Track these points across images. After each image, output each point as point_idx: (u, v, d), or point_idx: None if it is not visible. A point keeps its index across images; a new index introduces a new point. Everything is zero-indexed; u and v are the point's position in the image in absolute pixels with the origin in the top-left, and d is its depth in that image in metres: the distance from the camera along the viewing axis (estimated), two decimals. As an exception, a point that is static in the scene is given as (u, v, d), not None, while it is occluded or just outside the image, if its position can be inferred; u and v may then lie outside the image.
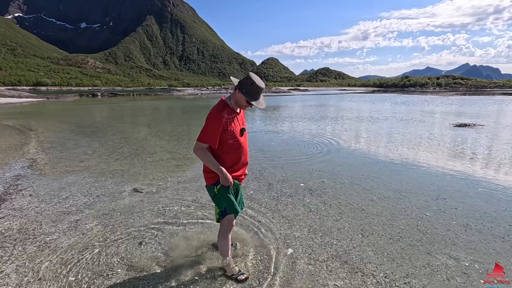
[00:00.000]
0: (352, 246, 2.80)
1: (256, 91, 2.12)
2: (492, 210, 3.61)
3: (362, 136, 9.32)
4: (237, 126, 2.19)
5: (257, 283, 2.27)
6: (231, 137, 2.15)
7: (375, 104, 25.65)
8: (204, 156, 2.15)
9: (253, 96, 2.12)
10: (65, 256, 2.60)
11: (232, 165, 2.23)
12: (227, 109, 2.14)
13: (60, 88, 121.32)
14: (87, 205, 3.73)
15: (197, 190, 4.28)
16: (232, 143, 2.17)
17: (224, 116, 2.10)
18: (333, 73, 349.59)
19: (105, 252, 2.67)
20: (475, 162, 6.03)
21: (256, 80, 2.10)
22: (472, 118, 14.03)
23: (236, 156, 2.23)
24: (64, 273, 2.37)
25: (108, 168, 5.41)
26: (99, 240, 2.87)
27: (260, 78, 2.17)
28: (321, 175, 5.02)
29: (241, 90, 2.11)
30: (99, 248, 2.72)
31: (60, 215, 3.43)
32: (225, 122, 2.10)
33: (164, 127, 11.22)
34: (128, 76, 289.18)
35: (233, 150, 2.19)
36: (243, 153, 2.27)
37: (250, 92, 2.11)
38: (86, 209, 3.60)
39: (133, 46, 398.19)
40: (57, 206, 3.68)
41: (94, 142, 7.92)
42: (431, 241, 2.89)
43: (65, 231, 3.05)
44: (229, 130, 2.13)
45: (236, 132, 2.17)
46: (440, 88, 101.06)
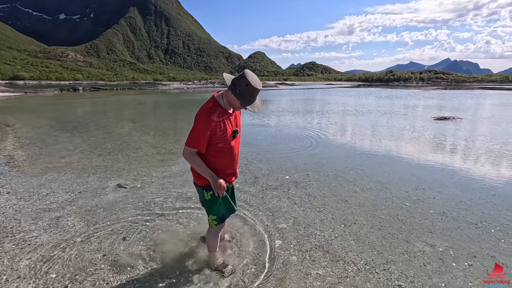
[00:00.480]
0: (335, 236, 2.88)
1: (251, 93, 1.85)
2: (467, 199, 3.79)
3: (347, 129, 9.50)
4: (229, 129, 1.99)
5: (242, 275, 2.31)
6: (221, 141, 1.97)
7: (360, 98, 26.08)
8: (193, 162, 2.01)
9: (248, 99, 1.87)
10: (46, 253, 2.54)
11: (222, 168, 2.08)
12: (218, 110, 1.93)
13: (39, 82, 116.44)
14: (68, 201, 3.65)
15: (182, 184, 4.26)
16: (221, 147, 2.00)
17: (214, 120, 1.89)
18: (319, 68, 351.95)
19: (88, 248, 2.63)
20: (453, 153, 6.28)
21: (252, 81, 1.83)
22: (452, 111, 14.52)
23: (226, 159, 2.07)
24: (44, 270, 2.32)
25: (90, 164, 5.28)
26: (81, 236, 2.83)
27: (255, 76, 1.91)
28: (306, 168, 5.09)
29: (234, 91, 1.86)
30: (81, 245, 2.68)
31: (40, 212, 3.35)
32: (215, 126, 1.91)
33: (149, 122, 11.02)
34: (111, 70, 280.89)
35: (223, 153, 2.03)
36: (234, 156, 2.11)
37: (245, 94, 1.85)
38: (67, 205, 3.52)
39: (116, 38, 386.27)
40: (37, 203, 3.58)
41: (75, 138, 7.70)
42: (410, 229, 3.01)
43: (46, 228, 2.98)
44: (219, 134, 1.94)
45: (227, 135, 1.98)
46: (423, 82, 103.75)
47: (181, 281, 2.22)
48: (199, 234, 2.83)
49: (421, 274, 2.32)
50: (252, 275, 2.30)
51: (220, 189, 2.05)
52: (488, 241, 2.79)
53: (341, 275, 2.30)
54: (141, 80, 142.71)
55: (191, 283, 2.20)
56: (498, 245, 2.73)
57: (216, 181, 2.02)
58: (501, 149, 6.59)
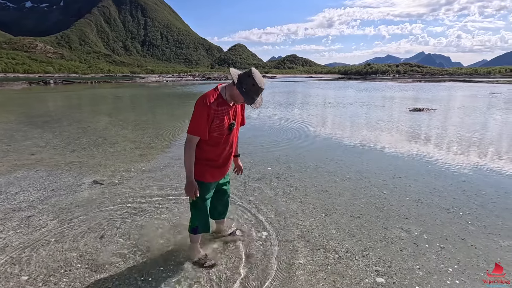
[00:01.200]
0: (316, 225, 2.93)
1: (256, 92, 1.93)
2: (440, 186, 3.97)
3: (328, 121, 9.65)
4: (226, 120, 2.03)
5: (224, 267, 2.30)
6: (216, 130, 2.01)
7: (340, 91, 26.58)
8: (186, 152, 2.01)
9: (252, 97, 1.93)
10: (16, 254, 2.40)
11: (214, 158, 2.11)
12: (219, 100, 1.97)
13: (5, 75, 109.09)
14: (40, 200, 3.46)
15: (162, 179, 4.16)
16: (217, 136, 2.04)
17: (212, 108, 1.93)
18: (300, 60, 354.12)
19: (63, 248, 2.51)
20: (427, 143, 6.56)
21: (258, 81, 1.89)
22: (426, 103, 15.13)
23: (219, 149, 2.10)
24: (15, 272, 2.20)
25: (64, 160, 5.04)
26: (55, 236, 2.69)
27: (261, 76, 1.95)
28: (288, 160, 5.13)
29: (240, 88, 1.91)
30: (55, 244, 2.56)
31: (9, 212, 3.15)
32: (213, 113, 1.94)
33: (127, 116, 10.65)
34: (85, 62, 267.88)
35: (217, 143, 2.07)
36: (227, 148, 2.14)
37: (250, 93, 1.92)
38: (39, 204, 3.35)
39: (89, 29, 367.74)
40: (5, 203, 3.37)
41: (47, 133, 7.30)
42: (387, 216, 3.12)
43: (16, 228, 2.81)
44: (216, 123, 1.98)
45: (223, 126, 2.02)
46: (399, 75, 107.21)
47: (163, 276, 2.18)
48: (180, 229, 2.78)
49: (397, 258, 2.41)
50: (234, 267, 2.30)
51: (190, 192, 2.06)
52: (458, 225, 2.95)
53: (323, 263, 2.35)
54: (118, 73, 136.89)
55: (172, 277, 2.16)
56: (467, 228, 2.89)
57: (191, 183, 2.04)
58: (470, 138, 6.96)
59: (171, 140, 6.69)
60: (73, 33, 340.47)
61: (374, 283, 2.13)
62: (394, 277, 2.19)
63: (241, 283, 2.13)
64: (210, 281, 2.14)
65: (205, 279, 2.16)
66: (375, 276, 2.21)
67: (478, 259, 2.41)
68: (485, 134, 7.43)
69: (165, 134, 7.38)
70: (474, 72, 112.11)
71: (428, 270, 2.27)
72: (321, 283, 2.13)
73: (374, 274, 2.22)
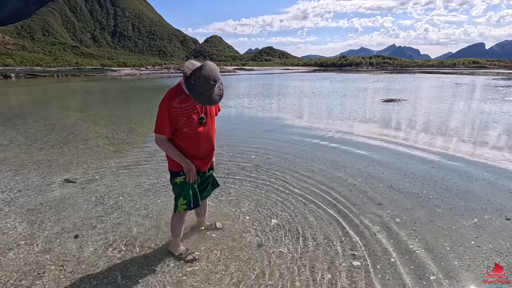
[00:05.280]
0: (295, 214, 3.00)
1: (203, 85, 1.77)
2: (410, 172, 4.20)
3: (304, 112, 9.82)
4: (194, 115, 1.97)
5: (206, 261, 2.30)
6: (185, 126, 1.97)
7: (316, 83, 27.01)
8: (166, 148, 2.03)
9: (200, 92, 1.80)
10: (-18, 260, 2.26)
11: (191, 152, 2.08)
12: (181, 97, 1.91)
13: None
14: (6, 202, 3.26)
15: (139, 175, 4.05)
16: (188, 132, 2.00)
17: (173, 106, 1.89)
18: (277, 53, 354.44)
19: (34, 250, 2.40)
20: (399, 131, 6.88)
21: (207, 73, 1.75)
22: (398, 94, 15.77)
23: (194, 143, 2.06)
24: (-18, 279, 2.07)
25: (30, 159, 4.75)
26: (25, 238, 2.56)
27: (215, 67, 1.82)
28: (267, 152, 5.18)
29: (187, 81, 1.83)
30: (25, 247, 2.43)
31: (-29, 216, 2.94)
32: (176, 111, 1.90)
33: (99, 111, 10.19)
34: (50, 54, 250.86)
35: (190, 138, 2.03)
36: (202, 141, 2.09)
37: (196, 87, 1.79)
38: (5, 206, 3.15)
39: (53, 18, 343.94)
40: (-34, 207, 3.14)
41: (10, 131, 6.83)
42: (362, 203, 3.26)
43: (-20, 233, 2.64)
44: (182, 120, 1.94)
45: (192, 121, 1.97)
46: (373, 67, 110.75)
47: (143, 272, 2.15)
48: (160, 224, 2.74)
49: (372, 242, 2.54)
50: (216, 259, 2.31)
51: (190, 172, 2.09)
52: (427, 208, 3.14)
53: (302, 251, 2.42)
54: (87, 65, 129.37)
55: (153, 273, 2.14)
56: (435, 211, 3.09)
57: (187, 164, 2.06)
58: (438, 126, 7.39)
59: (147, 134, 6.51)
60: (35, 23, 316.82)
61: (351, 266, 2.24)
62: (368, 260, 2.31)
63: (222, 275, 2.15)
64: (193, 275, 2.14)
65: (186, 273, 2.16)
66: (352, 259, 2.32)
67: (445, 238, 2.60)
68: (450, 123, 7.91)
69: (141, 129, 7.16)
70: (440, 64, 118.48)
71: (400, 251, 2.41)
72: (301, 269, 2.20)
73: (351, 258, 2.33)
